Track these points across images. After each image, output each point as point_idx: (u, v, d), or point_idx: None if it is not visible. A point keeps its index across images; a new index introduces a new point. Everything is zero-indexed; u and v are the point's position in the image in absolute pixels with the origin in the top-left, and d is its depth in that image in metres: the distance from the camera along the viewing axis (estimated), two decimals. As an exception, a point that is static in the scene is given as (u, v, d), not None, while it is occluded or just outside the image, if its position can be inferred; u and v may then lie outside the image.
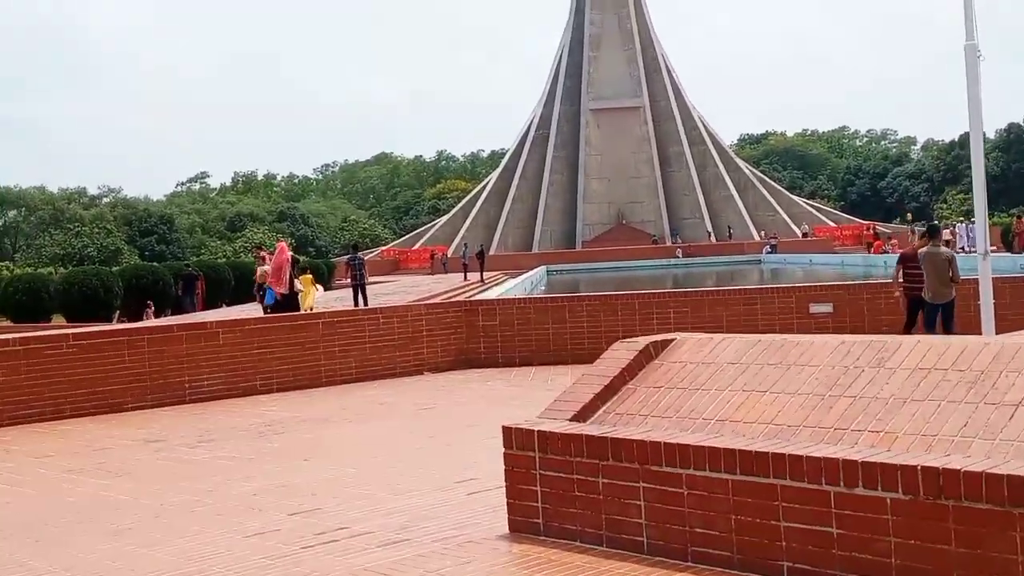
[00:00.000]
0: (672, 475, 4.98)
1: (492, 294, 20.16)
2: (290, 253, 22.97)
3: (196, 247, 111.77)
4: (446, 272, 73.51)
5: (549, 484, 5.52)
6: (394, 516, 6.75)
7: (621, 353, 6.39)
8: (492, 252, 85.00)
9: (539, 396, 12.48)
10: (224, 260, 58.19)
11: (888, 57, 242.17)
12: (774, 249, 73.63)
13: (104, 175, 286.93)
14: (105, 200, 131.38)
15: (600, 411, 5.96)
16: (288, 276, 21.54)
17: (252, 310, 31.14)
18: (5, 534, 6.96)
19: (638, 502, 5.11)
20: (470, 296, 42.35)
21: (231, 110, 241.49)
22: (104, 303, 30.51)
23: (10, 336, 13.03)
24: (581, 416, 5.92)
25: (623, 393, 6.04)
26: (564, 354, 16.73)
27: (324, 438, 10.44)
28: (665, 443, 5.02)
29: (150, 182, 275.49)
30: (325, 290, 26.16)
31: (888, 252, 52.92)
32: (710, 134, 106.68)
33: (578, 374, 15.08)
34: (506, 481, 5.77)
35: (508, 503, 5.76)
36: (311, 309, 26.51)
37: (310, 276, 26.52)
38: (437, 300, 32.88)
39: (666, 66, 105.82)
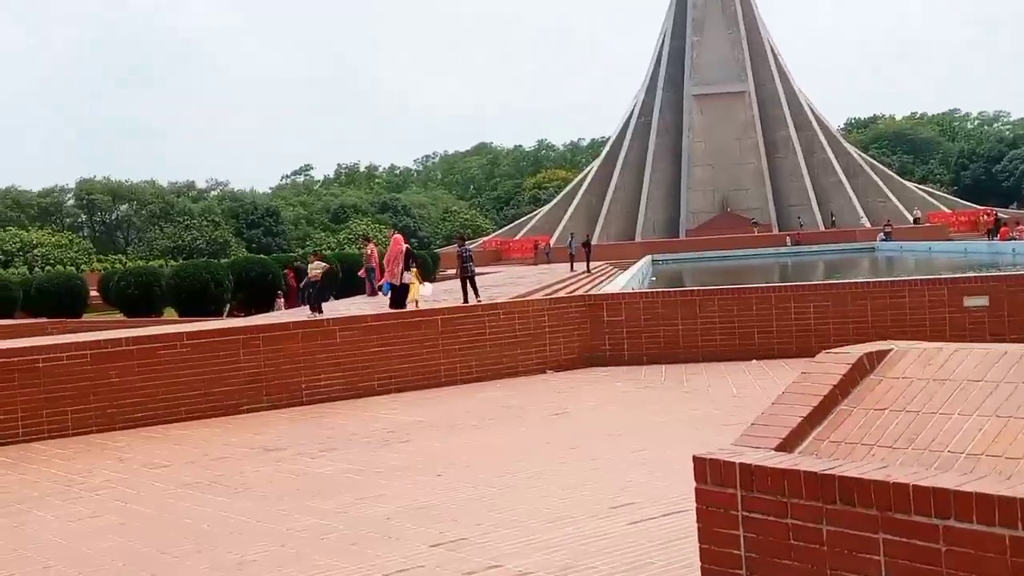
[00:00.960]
0: (925, 527, 3.99)
1: (614, 287, 19.16)
2: (406, 245, 22.34)
3: (301, 239, 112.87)
4: (549, 262, 72.57)
5: (755, 529, 4.58)
6: (552, 551, 5.89)
7: (828, 366, 5.37)
8: (594, 242, 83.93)
9: (676, 400, 11.56)
10: (331, 252, 58.17)
11: (997, 36, 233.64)
12: (889, 236, 71.02)
13: (212, 169, 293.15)
14: (213, 193, 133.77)
15: (810, 438, 4.98)
16: (400, 269, 21.20)
17: (362, 303, 30.73)
18: (117, 566, 6.28)
19: (877, 557, 4.14)
20: (585, 288, 41.50)
21: (333, 105, 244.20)
22: (215, 297, 30.36)
23: (123, 335, 12.55)
24: (788, 444, 4.94)
25: (836, 416, 5.05)
26: (694, 352, 15.74)
27: (453, 448, 9.64)
28: (915, 486, 4.03)
29: (256, 175, 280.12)
30: (431, 282, 25.40)
31: (1017, 239, 50.50)
32: (817, 118, 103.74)
33: (713, 373, 14.16)
34: (698, 522, 4.84)
35: (701, 549, 4.83)
36: (416, 304, 25.97)
37: (415, 270, 25.89)
38: (559, 294, 32.13)
39: (771, 49, 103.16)
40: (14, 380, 11.64)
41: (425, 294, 27.83)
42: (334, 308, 25.94)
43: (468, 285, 25.89)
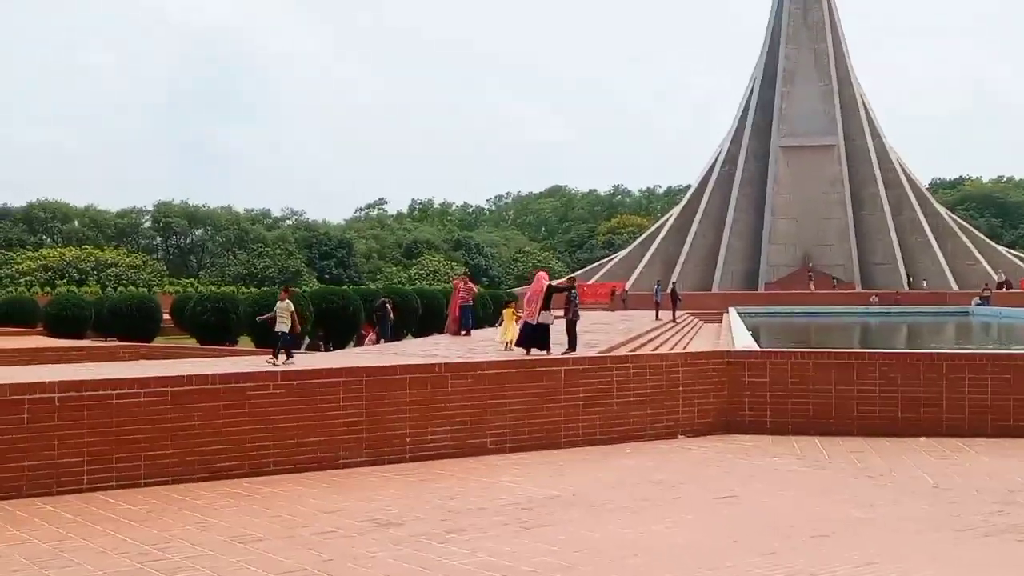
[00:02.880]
0: None
1: (739, 341, 17.16)
2: (547, 283, 20.29)
3: (372, 272, 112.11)
4: (626, 308, 70.53)
5: None
6: None
7: None
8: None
9: (863, 488, 9.53)
10: (411, 287, 56.74)
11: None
12: (986, 301, 67.81)
13: (287, 198, 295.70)
14: (287, 222, 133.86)
15: None
16: (539, 307, 19.58)
17: (438, 341, 28.98)
18: None
19: None
20: (676, 339, 39.48)
21: (408, 139, 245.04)
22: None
23: (209, 371, 10.85)
24: None
25: None
26: (848, 424, 13.70)
27: (614, 540, 7.72)
28: None
29: (330, 206, 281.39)
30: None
31: None
32: (908, 176, 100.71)
33: (882, 452, 12.10)
34: None
35: None
36: (509, 346, 24.07)
37: (512, 308, 24.12)
38: (647, 345, 30.11)
39: (863, 104, 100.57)
40: (83, 417, 9.99)
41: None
42: (404, 348, 24.13)
43: (571, 330, 23.77)
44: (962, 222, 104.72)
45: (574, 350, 21.77)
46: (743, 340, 17.97)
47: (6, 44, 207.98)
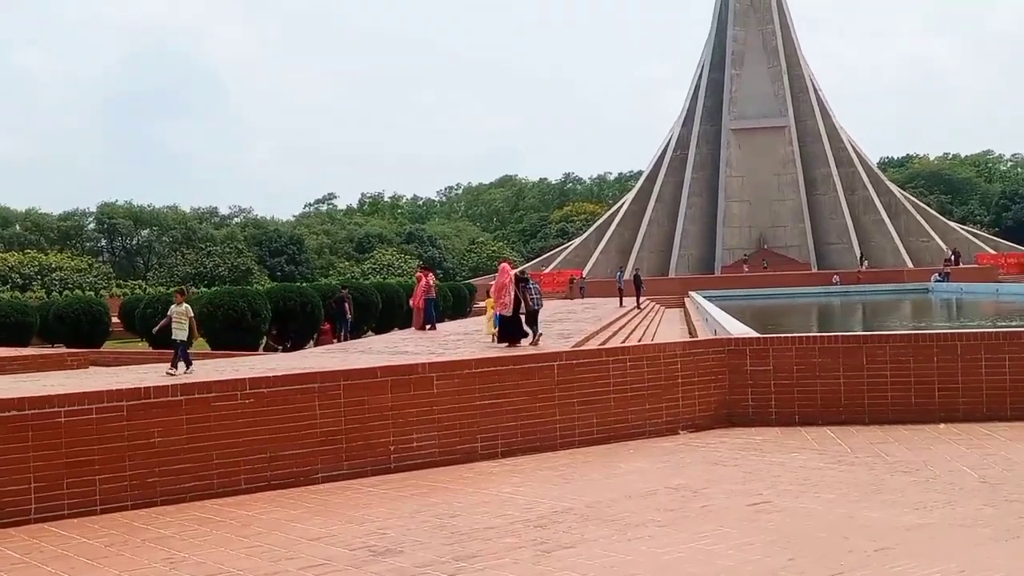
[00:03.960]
0: None
1: (734, 327, 16.22)
2: (513, 272, 19.95)
3: (325, 268, 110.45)
4: (583, 297, 69.73)
5: None
6: None
7: None
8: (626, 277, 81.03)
9: (903, 486, 8.61)
10: (367, 281, 55.41)
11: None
12: (946, 278, 67.84)
13: (235, 196, 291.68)
14: (236, 220, 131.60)
15: None
16: (512, 297, 19.39)
17: (404, 337, 27.85)
18: None
19: None
20: (644, 327, 38.60)
21: (355, 133, 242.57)
22: (251, 327, 27.52)
23: (168, 383, 9.68)
24: None
25: None
26: (859, 412, 12.82)
27: (652, 563, 6.70)
28: None
29: (279, 204, 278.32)
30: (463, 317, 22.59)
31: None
32: (859, 155, 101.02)
33: (905, 442, 11.19)
34: None
35: None
36: (493, 338, 23.17)
37: (491, 299, 23.22)
38: (618, 333, 29.22)
39: (813, 84, 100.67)
40: (27, 440, 8.81)
41: None
42: (370, 345, 22.86)
43: (535, 320, 22.94)
44: (914, 199, 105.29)
45: (537, 338, 20.97)
46: (735, 325, 17.02)
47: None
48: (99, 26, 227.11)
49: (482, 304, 36.70)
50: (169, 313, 16.00)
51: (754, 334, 14.17)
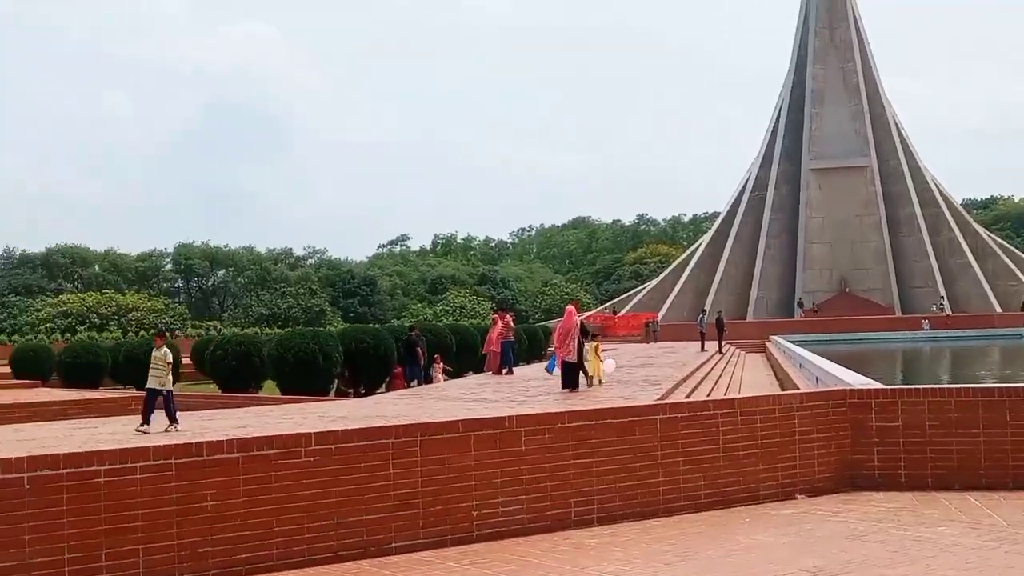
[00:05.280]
0: None
1: (849, 377, 14.70)
2: (579, 318, 18.86)
3: (397, 309, 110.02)
4: (655, 340, 68.01)
5: None
6: None
7: None
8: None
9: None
10: (443, 323, 54.46)
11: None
12: (1041, 322, 64.95)
13: (309, 238, 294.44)
14: (310, 261, 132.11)
15: None
16: (577, 343, 18.29)
17: (481, 382, 26.58)
18: None
19: None
20: (728, 373, 36.96)
21: (429, 175, 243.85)
22: (322, 370, 26.53)
23: (223, 438, 8.52)
24: None
25: None
26: (1002, 475, 11.25)
27: None
28: None
29: (353, 245, 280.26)
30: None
31: None
32: (944, 196, 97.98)
33: None
34: None
35: None
36: (598, 383, 21.81)
37: (597, 343, 21.83)
38: (705, 381, 27.66)
39: (895, 123, 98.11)
40: (62, 503, 7.69)
41: (608, 370, 23.62)
42: (446, 391, 21.50)
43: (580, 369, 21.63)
44: (1001, 241, 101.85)
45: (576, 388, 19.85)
46: (849, 375, 15.47)
47: (24, 91, 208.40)
48: (179, 71, 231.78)
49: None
50: (153, 360, 14.00)
51: (877, 385, 12.66)
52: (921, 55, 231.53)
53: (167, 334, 17.41)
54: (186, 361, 40.30)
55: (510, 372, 27.21)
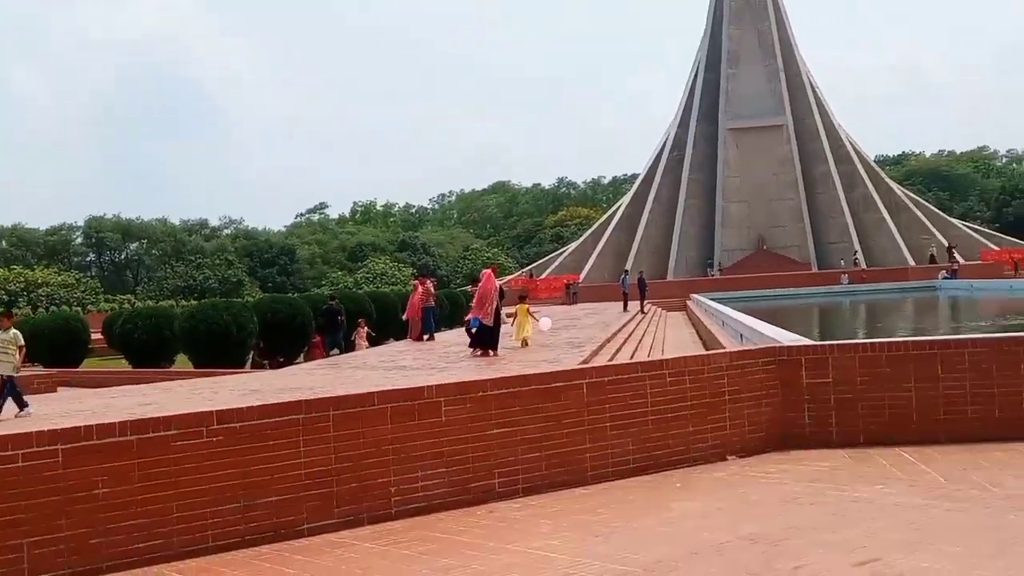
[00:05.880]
0: None
1: (778, 334, 14.39)
2: (497, 282, 18.47)
3: (317, 278, 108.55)
4: (575, 302, 68.02)
5: None
6: None
7: None
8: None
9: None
10: (363, 290, 53.51)
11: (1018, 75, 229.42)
12: (953, 275, 66.17)
13: (225, 209, 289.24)
14: (226, 232, 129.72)
15: None
16: (495, 306, 18.07)
17: (401, 349, 25.99)
18: None
19: None
20: (651, 332, 36.79)
21: (347, 141, 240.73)
22: (237, 342, 25.65)
23: (115, 420, 7.82)
24: None
25: None
26: (934, 429, 11.01)
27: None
28: None
29: (270, 214, 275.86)
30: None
31: None
32: (858, 153, 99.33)
33: (1004, 467, 9.32)
34: None
35: None
36: (525, 343, 21.70)
37: (526, 305, 21.65)
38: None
39: (810, 82, 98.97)
40: (-68, 497, 6.96)
41: (544, 328, 23.24)
42: (364, 359, 20.75)
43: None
44: (914, 196, 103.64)
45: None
46: (778, 332, 15.18)
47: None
48: (87, 43, 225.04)
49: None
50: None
51: (806, 341, 12.35)
52: (838, 21, 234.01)
53: (9, 312, 16.51)
54: (97, 336, 39.04)
55: (431, 338, 26.69)
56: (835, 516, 7.79)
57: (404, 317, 29.20)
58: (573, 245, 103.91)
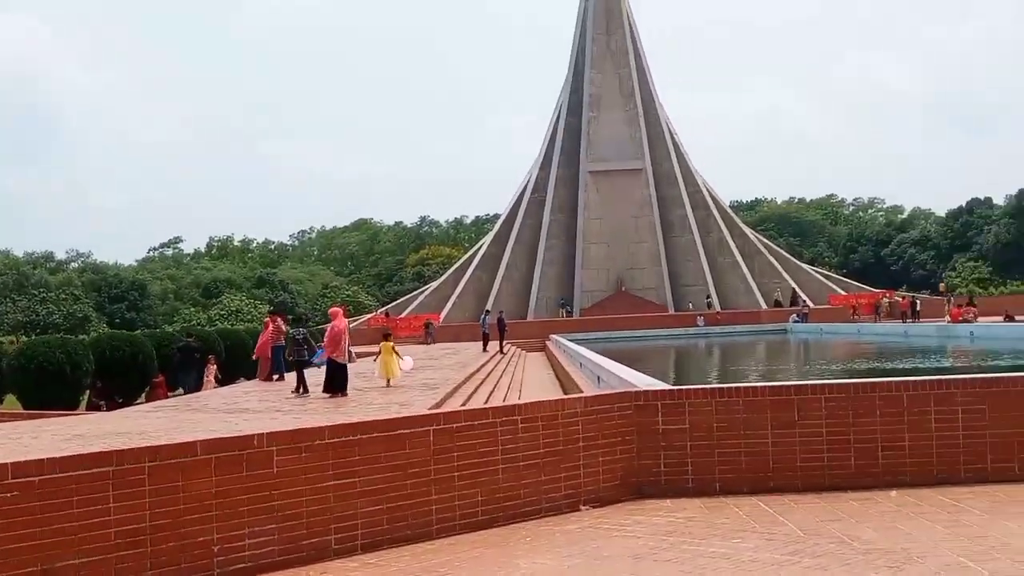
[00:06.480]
0: None
1: (634, 377, 14.01)
2: (346, 322, 17.86)
3: (169, 314, 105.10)
4: (433, 342, 67.41)
5: None
6: None
7: None
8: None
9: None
10: (213, 328, 51.68)
11: (866, 124, 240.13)
12: (804, 318, 67.95)
13: (74, 239, 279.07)
14: (73, 265, 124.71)
15: None
16: (346, 345, 17.51)
17: (248, 390, 24.94)
18: None
19: None
20: (509, 373, 36.36)
21: (205, 175, 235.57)
22: (72, 382, 24.14)
23: None
24: None
25: None
26: (791, 477, 10.76)
27: None
28: None
29: (121, 247, 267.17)
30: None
31: (969, 321, 47.31)
32: (714, 198, 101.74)
33: (859, 517, 8.78)
34: None
35: None
36: (387, 383, 21.23)
37: (391, 343, 21.09)
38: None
39: (668, 128, 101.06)
40: None
41: (406, 368, 22.87)
42: (207, 401, 19.66)
43: (299, 375, 21.49)
44: (767, 242, 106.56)
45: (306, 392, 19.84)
46: (634, 375, 14.83)
47: None
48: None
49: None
50: None
51: (663, 385, 11.99)
52: (699, 69, 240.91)
53: None
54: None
55: (281, 378, 25.68)
56: (689, 574, 7.32)
57: (254, 356, 28.13)
58: (434, 284, 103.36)
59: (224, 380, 33.66)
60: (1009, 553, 7.55)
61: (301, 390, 20.42)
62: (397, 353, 22.15)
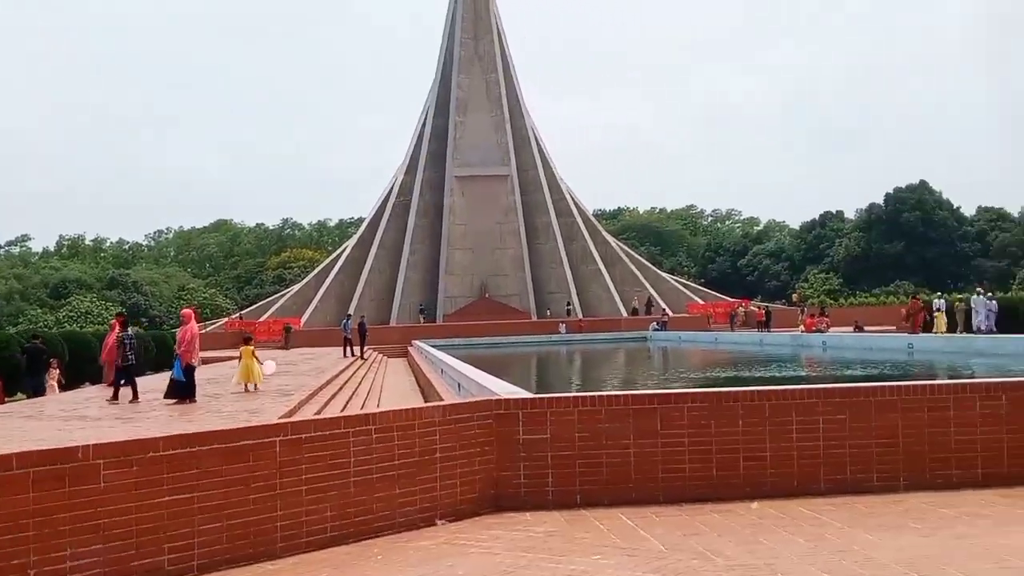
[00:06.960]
0: None
1: (495, 385, 13.60)
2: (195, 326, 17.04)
3: (14, 315, 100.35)
4: (291, 346, 66.08)
5: None
6: None
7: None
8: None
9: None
10: (54, 330, 49.32)
11: (723, 138, 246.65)
12: (663, 326, 68.93)
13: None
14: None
15: None
16: (199, 348, 16.83)
17: (89, 396, 23.75)
18: None
19: None
20: (369, 378, 35.59)
21: (55, 169, 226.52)
22: None
23: None
24: None
25: None
26: (652, 488, 10.53)
27: None
28: None
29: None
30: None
31: (822, 331, 48.59)
32: (577, 206, 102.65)
33: (720, 529, 8.54)
34: None
35: None
36: (254, 388, 20.47)
37: (251, 347, 20.30)
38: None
39: (534, 134, 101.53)
40: None
41: (268, 372, 22.09)
42: (43, 408, 18.54)
43: (129, 380, 20.89)
44: (628, 250, 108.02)
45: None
46: (495, 383, 14.42)
47: None
48: None
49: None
50: None
51: (524, 393, 11.60)
52: (563, 79, 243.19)
53: None
54: None
55: (126, 385, 24.41)
56: (549, 595, 6.94)
57: (101, 360, 26.79)
58: (296, 287, 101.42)
59: (68, 385, 32.11)
60: (872, 568, 7.40)
61: (131, 398, 19.80)
62: (257, 358, 21.45)
